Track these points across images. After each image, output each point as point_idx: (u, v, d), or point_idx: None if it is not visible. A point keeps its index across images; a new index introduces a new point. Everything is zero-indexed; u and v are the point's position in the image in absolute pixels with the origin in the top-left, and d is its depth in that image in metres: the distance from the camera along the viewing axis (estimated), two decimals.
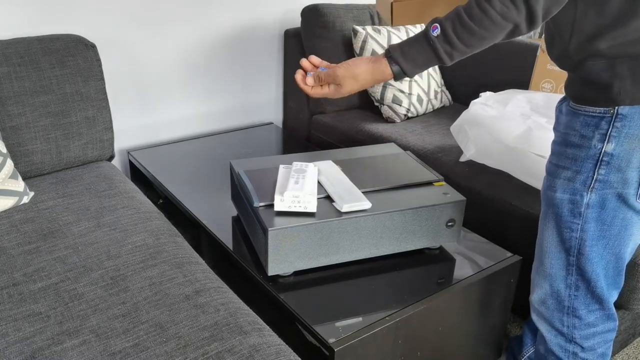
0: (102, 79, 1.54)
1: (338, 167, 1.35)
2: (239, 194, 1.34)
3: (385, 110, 2.04)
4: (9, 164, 1.31)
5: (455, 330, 1.27)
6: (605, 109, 0.94)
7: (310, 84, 1.13)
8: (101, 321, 0.97)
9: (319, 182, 1.28)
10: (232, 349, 0.93)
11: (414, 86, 2.04)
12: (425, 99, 2.08)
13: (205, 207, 1.50)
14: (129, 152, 1.88)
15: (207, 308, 1.02)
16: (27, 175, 1.46)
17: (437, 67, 2.18)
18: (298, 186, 1.20)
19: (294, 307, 1.13)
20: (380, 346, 1.11)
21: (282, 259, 1.16)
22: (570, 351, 1.13)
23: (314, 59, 1.16)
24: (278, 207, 1.17)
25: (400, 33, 2.09)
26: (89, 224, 1.25)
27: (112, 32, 1.78)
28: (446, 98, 2.23)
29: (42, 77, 1.43)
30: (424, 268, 1.27)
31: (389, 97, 2.02)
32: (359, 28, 2.04)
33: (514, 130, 1.54)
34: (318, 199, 1.23)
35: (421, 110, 2.08)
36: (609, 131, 0.94)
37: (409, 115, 2.04)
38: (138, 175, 1.86)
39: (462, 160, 1.70)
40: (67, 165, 1.52)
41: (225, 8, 2.01)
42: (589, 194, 0.99)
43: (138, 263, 1.13)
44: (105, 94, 1.55)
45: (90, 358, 0.89)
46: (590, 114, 0.96)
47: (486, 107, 1.67)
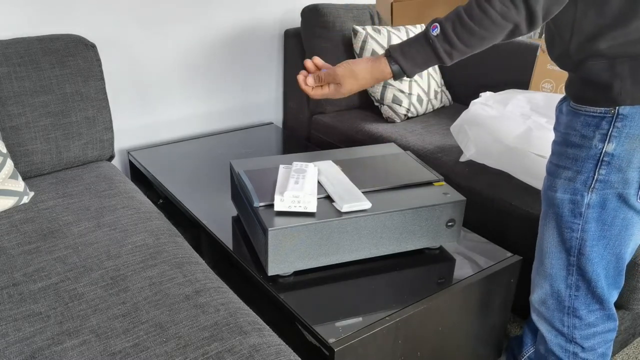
0: (102, 79, 1.54)
1: (338, 167, 1.35)
2: (239, 194, 1.34)
3: (385, 110, 2.04)
4: (9, 164, 1.31)
5: (455, 330, 1.27)
6: (605, 109, 0.94)
7: (311, 84, 1.14)
8: (101, 321, 0.97)
9: (319, 182, 1.28)
10: (232, 349, 0.93)
11: (414, 86, 2.04)
12: (425, 99, 2.08)
13: (205, 207, 1.50)
14: (129, 152, 1.88)
15: (207, 308, 1.02)
16: (27, 175, 1.46)
17: (437, 67, 2.18)
18: (298, 186, 1.20)
19: (294, 307, 1.13)
20: (380, 346, 1.11)
21: (282, 259, 1.16)
22: (570, 351, 1.13)
23: (317, 60, 1.16)
24: (278, 207, 1.17)
25: (400, 33, 2.09)
26: (89, 224, 1.25)
27: (112, 32, 1.78)
28: (446, 98, 2.23)
29: (42, 77, 1.43)
30: (424, 268, 1.27)
31: (389, 97, 2.02)
32: (359, 28, 2.04)
33: (514, 130, 1.54)
34: (318, 199, 1.23)
35: (421, 110, 2.08)
36: (609, 131, 0.94)
37: (409, 115, 2.04)
38: (138, 175, 1.86)
39: (462, 160, 1.70)
40: (67, 165, 1.52)
41: (225, 8, 2.01)
42: (589, 194, 0.99)
43: (138, 263, 1.13)
44: (105, 94, 1.55)
45: (90, 358, 0.89)
46: (591, 114, 0.96)
47: (486, 107, 1.67)
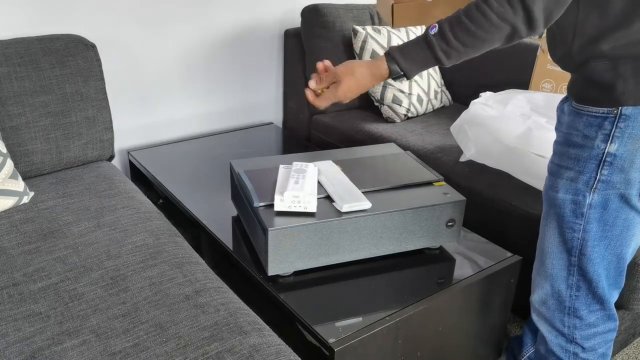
0: (102, 79, 1.54)
1: (338, 167, 1.35)
2: (239, 194, 1.34)
3: (385, 110, 2.04)
4: (9, 164, 1.31)
5: (455, 330, 1.27)
6: (608, 109, 0.94)
7: (312, 86, 1.16)
8: (101, 321, 0.97)
9: (319, 182, 1.28)
10: (232, 349, 0.92)
11: (414, 86, 2.04)
12: (425, 99, 2.08)
13: (205, 207, 1.50)
14: (129, 152, 1.88)
15: (207, 308, 1.02)
16: (27, 175, 1.46)
17: (437, 67, 2.18)
18: (298, 186, 1.20)
19: (294, 307, 1.12)
20: (380, 346, 1.11)
21: (282, 259, 1.16)
22: (570, 351, 1.13)
23: (328, 63, 1.18)
24: (278, 207, 1.17)
25: (400, 33, 2.09)
26: (89, 224, 1.25)
27: (112, 32, 1.78)
28: (446, 98, 2.22)
29: (42, 77, 1.43)
30: (424, 268, 1.27)
31: (389, 97, 2.02)
32: (359, 28, 2.04)
33: (514, 130, 1.54)
34: (318, 199, 1.23)
35: (421, 110, 2.08)
36: (612, 131, 0.94)
37: (409, 115, 2.04)
38: (138, 175, 1.86)
39: (462, 160, 1.70)
40: (67, 165, 1.52)
41: (225, 8, 2.01)
42: (591, 195, 0.99)
43: (138, 263, 1.13)
44: (105, 94, 1.55)
45: (90, 358, 0.89)
46: (594, 114, 0.96)
47: (486, 107, 1.67)
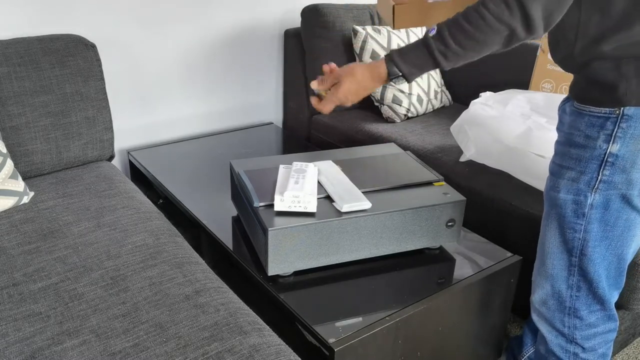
0: (102, 79, 1.54)
1: (338, 167, 1.35)
2: (239, 194, 1.34)
3: (385, 110, 2.03)
4: (9, 164, 1.31)
5: (455, 330, 1.27)
6: (610, 109, 0.94)
7: (314, 87, 1.18)
8: (101, 321, 0.97)
9: (319, 182, 1.28)
10: (232, 349, 0.92)
11: (414, 86, 2.04)
12: (425, 99, 2.08)
13: (205, 207, 1.50)
14: (129, 152, 1.88)
15: (207, 308, 1.02)
16: (27, 175, 1.46)
17: None
18: (298, 186, 1.20)
19: (294, 307, 1.12)
20: (380, 346, 1.11)
21: (282, 259, 1.16)
22: (571, 352, 1.13)
23: (333, 65, 1.19)
24: (278, 207, 1.17)
25: (400, 33, 2.09)
26: (89, 224, 1.25)
27: (112, 32, 1.78)
28: (446, 98, 2.22)
29: (42, 77, 1.43)
30: (424, 268, 1.27)
31: (389, 97, 2.02)
32: (359, 28, 2.04)
33: (514, 130, 1.54)
34: (318, 199, 1.23)
35: (421, 110, 2.08)
36: (614, 132, 0.94)
37: (409, 115, 2.04)
38: (138, 175, 1.86)
39: (462, 160, 1.70)
40: (67, 165, 1.52)
41: (225, 8, 2.01)
42: (593, 195, 0.99)
43: (138, 263, 1.13)
44: (105, 94, 1.55)
45: (90, 358, 0.89)
46: (596, 114, 0.96)
47: (486, 107, 1.67)
